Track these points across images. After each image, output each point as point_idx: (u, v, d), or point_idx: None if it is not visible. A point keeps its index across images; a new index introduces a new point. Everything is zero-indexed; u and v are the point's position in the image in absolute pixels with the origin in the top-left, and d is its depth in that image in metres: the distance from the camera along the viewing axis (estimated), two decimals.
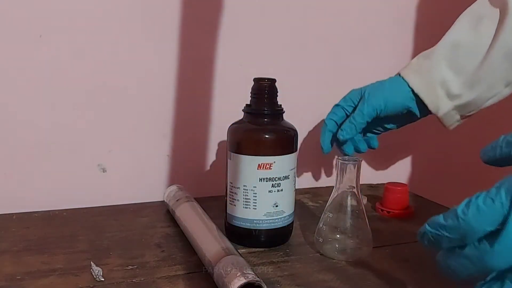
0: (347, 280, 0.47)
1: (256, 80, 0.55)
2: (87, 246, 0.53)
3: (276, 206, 0.53)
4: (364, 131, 0.69)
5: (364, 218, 0.52)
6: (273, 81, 0.54)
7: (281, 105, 0.56)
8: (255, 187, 0.52)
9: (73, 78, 0.66)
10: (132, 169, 0.71)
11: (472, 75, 0.60)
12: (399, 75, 0.65)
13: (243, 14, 0.72)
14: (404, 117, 0.66)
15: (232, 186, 0.54)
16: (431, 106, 0.63)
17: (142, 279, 0.46)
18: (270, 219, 0.53)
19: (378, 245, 0.55)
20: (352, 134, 0.64)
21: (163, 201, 0.65)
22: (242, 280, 0.40)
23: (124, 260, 0.50)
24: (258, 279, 0.41)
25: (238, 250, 0.47)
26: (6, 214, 0.62)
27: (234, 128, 0.55)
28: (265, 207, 0.53)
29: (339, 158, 0.53)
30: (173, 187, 0.65)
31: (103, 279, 0.46)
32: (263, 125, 0.54)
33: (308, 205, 0.71)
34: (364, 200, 0.72)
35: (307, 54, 0.78)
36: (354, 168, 0.51)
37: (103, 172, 0.70)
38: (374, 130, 0.69)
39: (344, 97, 0.67)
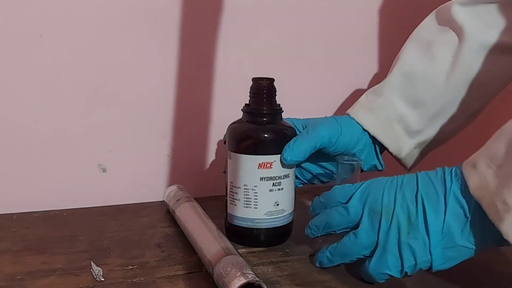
0: (347, 280, 0.47)
1: (255, 80, 0.55)
2: (87, 246, 0.53)
3: (277, 205, 0.53)
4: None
5: None
6: (271, 80, 0.54)
7: (279, 104, 0.56)
8: (256, 186, 0.52)
9: (74, 78, 0.66)
10: (132, 169, 0.71)
11: (430, 107, 0.56)
12: (348, 115, 0.59)
13: (243, 14, 0.72)
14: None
15: (232, 186, 0.54)
16: (392, 148, 0.58)
17: (142, 279, 0.46)
18: (271, 218, 0.53)
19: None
20: (305, 155, 0.53)
21: (163, 201, 0.65)
22: (242, 280, 0.40)
23: (124, 260, 0.50)
24: (258, 279, 0.41)
25: (238, 250, 0.47)
26: (6, 214, 0.62)
27: (234, 128, 0.55)
28: (266, 206, 0.53)
29: (339, 157, 0.53)
30: (173, 187, 0.65)
31: (103, 279, 0.46)
32: (263, 124, 0.54)
33: (308, 205, 0.71)
34: None
35: (307, 54, 0.78)
36: (354, 168, 0.51)
37: (103, 172, 0.70)
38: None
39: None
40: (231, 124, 0.56)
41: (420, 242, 0.42)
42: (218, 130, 0.74)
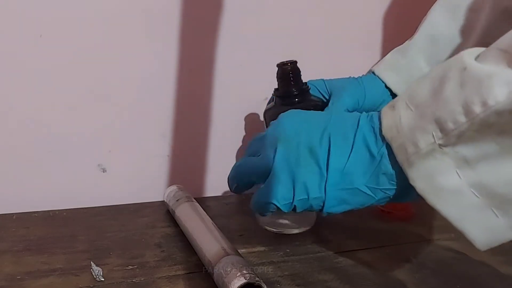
0: (347, 280, 0.47)
1: (280, 66, 0.57)
2: (87, 246, 0.53)
3: None
4: None
5: None
6: (295, 62, 0.57)
7: (306, 82, 0.58)
8: None
9: (73, 77, 0.66)
10: (132, 169, 0.71)
11: None
12: (373, 73, 0.60)
13: (243, 14, 0.72)
14: None
15: None
16: None
17: (142, 279, 0.46)
18: None
19: (378, 245, 0.55)
20: None
21: (163, 201, 0.65)
22: (242, 280, 0.40)
23: (124, 260, 0.50)
24: (258, 279, 0.41)
25: (238, 250, 0.47)
26: (6, 214, 0.62)
27: (270, 112, 0.58)
28: None
29: None
30: (173, 187, 0.65)
31: (103, 279, 0.46)
32: (294, 104, 0.56)
33: None
34: None
35: (307, 55, 0.77)
36: None
37: (103, 172, 0.70)
38: None
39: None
40: (266, 110, 0.58)
41: (317, 177, 0.39)
42: (218, 130, 0.74)
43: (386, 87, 0.59)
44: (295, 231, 0.52)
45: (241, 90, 0.74)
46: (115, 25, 0.66)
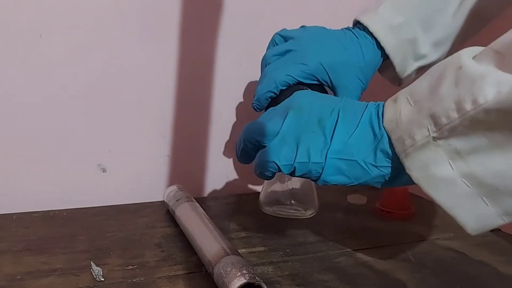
0: (347, 280, 0.47)
1: None
2: (87, 246, 0.53)
3: None
4: None
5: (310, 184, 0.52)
6: None
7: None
8: None
9: (73, 78, 0.66)
10: (132, 169, 0.71)
11: (439, 33, 0.57)
12: (365, 28, 0.56)
13: (243, 14, 0.72)
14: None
15: None
16: (398, 68, 0.57)
17: (142, 279, 0.46)
18: None
19: (378, 245, 0.55)
20: None
21: (163, 201, 0.65)
22: (242, 280, 0.40)
23: (124, 260, 0.50)
24: (258, 279, 0.41)
25: (238, 250, 0.47)
26: (6, 214, 0.62)
27: (271, 103, 0.56)
28: None
29: None
30: (173, 187, 0.65)
31: (103, 279, 0.46)
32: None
33: None
34: (364, 200, 0.72)
35: None
36: None
37: (103, 172, 0.70)
38: None
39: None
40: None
41: (320, 143, 0.41)
42: (218, 130, 0.74)
43: (380, 47, 0.56)
44: (300, 214, 0.52)
45: (241, 90, 0.74)
46: (115, 25, 0.66)
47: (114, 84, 0.68)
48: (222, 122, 0.74)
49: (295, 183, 0.60)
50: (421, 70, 0.60)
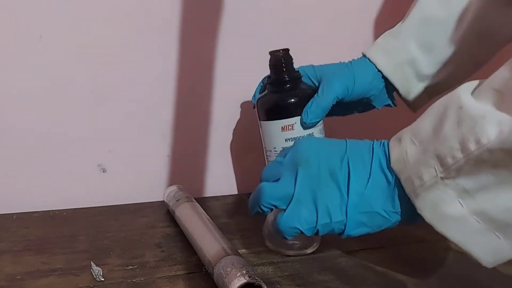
0: (347, 281, 0.47)
1: (272, 53, 0.58)
2: (87, 246, 0.53)
3: None
4: None
5: None
6: (287, 50, 0.58)
7: (297, 70, 0.59)
8: (283, 147, 0.55)
9: (73, 78, 0.66)
10: (132, 169, 0.71)
11: (442, 53, 0.57)
12: (364, 56, 0.60)
13: (243, 14, 0.72)
14: (363, 105, 0.62)
15: (266, 150, 0.59)
16: (402, 90, 0.59)
17: (142, 279, 0.46)
18: None
19: (378, 245, 0.55)
20: (321, 117, 0.57)
21: (163, 201, 0.65)
22: (242, 280, 0.40)
23: (124, 260, 0.50)
24: (258, 279, 0.41)
25: (238, 250, 0.47)
26: (6, 214, 0.62)
27: (258, 100, 0.59)
28: None
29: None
30: (173, 187, 0.65)
31: (103, 279, 0.46)
32: (285, 91, 0.57)
33: None
34: None
35: (307, 55, 0.77)
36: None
37: (103, 172, 0.70)
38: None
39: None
40: (258, 98, 0.59)
41: (338, 199, 0.41)
42: (218, 130, 0.74)
43: (378, 70, 0.59)
44: (308, 251, 0.53)
45: (241, 90, 0.74)
46: (115, 26, 0.67)
47: (114, 84, 0.68)
48: (222, 122, 0.74)
49: None
50: (432, 92, 0.61)
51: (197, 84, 0.72)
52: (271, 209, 0.44)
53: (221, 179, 0.76)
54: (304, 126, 0.56)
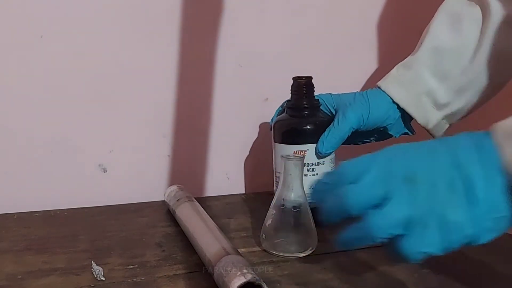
0: (347, 280, 0.47)
1: (295, 79, 0.60)
2: (88, 246, 0.54)
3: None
4: None
5: (307, 213, 0.52)
6: (310, 78, 0.60)
7: (317, 99, 0.61)
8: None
9: (74, 78, 0.66)
10: (132, 169, 0.71)
11: (458, 81, 0.57)
12: (379, 88, 0.61)
13: (244, 14, 0.72)
14: (379, 134, 0.63)
15: (276, 171, 0.61)
16: (420, 120, 0.60)
17: (143, 278, 0.46)
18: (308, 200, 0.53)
19: (378, 245, 0.55)
20: (336, 147, 0.58)
21: (164, 201, 0.65)
22: (242, 280, 0.40)
23: (124, 259, 0.50)
24: (258, 278, 0.41)
25: (238, 250, 0.47)
26: (7, 213, 0.63)
27: (276, 121, 0.61)
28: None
29: (283, 155, 0.53)
30: (174, 187, 0.65)
31: (103, 279, 0.46)
32: (303, 117, 0.59)
33: None
34: None
35: (307, 55, 0.78)
36: (297, 165, 0.51)
37: (104, 172, 0.70)
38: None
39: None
40: (276, 121, 0.61)
41: (466, 213, 0.36)
42: (218, 130, 0.74)
43: (393, 102, 0.60)
44: (304, 254, 0.53)
45: (241, 90, 0.74)
46: (115, 26, 0.67)
47: (115, 85, 0.68)
48: (222, 122, 0.74)
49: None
50: (452, 118, 0.61)
51: (197, 84, 0.72)
52: (391, 239, 0.38)
53: (221, 179, 0.76)
54: (319, 155, 0.58)
